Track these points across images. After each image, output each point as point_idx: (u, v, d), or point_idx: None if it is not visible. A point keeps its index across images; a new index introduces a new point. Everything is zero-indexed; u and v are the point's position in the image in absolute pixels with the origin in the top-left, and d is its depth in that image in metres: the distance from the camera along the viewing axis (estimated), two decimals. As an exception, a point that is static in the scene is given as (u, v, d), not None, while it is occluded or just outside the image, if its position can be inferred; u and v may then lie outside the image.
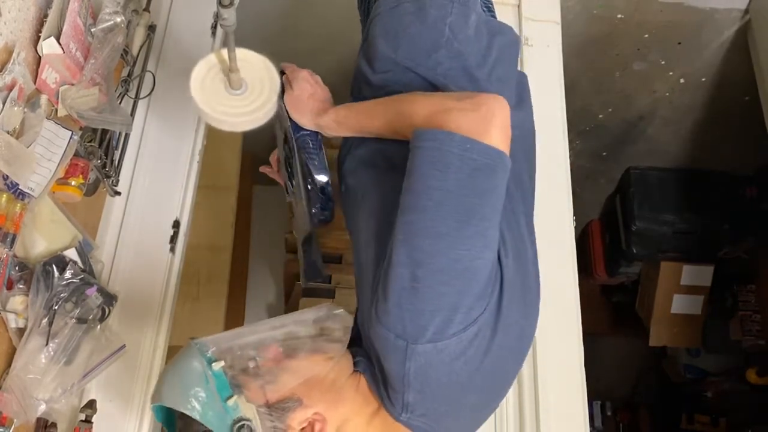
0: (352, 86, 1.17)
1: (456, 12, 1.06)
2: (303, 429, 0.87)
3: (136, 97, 1.54)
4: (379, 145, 1.03)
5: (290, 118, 1.11)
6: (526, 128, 1.12)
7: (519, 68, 1.76)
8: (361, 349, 0.96)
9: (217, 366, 0.86)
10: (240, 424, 0.84)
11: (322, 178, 1.10)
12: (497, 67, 1.08)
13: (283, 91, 1.11)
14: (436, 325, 0.81)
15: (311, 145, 1.10)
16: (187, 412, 0.84)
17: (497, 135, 0.86)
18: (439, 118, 0.87)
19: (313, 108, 1.09)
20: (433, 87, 1.03)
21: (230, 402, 0.85)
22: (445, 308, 0.81)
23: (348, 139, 1.12)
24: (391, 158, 0.98)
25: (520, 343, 0.94)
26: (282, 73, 1.14)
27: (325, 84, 1.15)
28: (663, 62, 2.56)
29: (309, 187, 1.10)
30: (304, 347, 0.92)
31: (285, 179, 1.22)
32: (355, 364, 0.96)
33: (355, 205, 1.04)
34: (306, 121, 1.10)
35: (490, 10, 1.23)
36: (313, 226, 1.15)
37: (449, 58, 1.04)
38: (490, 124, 0.85)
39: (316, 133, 1.11)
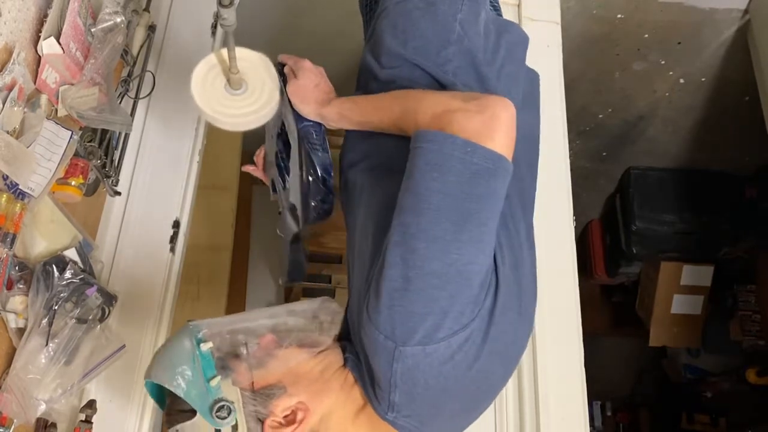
0: (357, 80, 1.15)
1: (466, 9, 1.05)
2: (286, 417, 0.88)
3: (136, 97, 1.54)
4: (379, 146, 1.02)
5: (293, 109, 1.09)
6: (531, 132, 1.10)
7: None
8: (350, 344, 0.96)
9: (205, 347, 0.87)
10: (220, 404, 0.86)
11: (324, 170, 1.08)
12: (506, 66, 1.06)
13: (284, 83, 1.10)
14: (426, 329, 0.80)
15: (314, 136, 1.09)
16: (173, 389, 0.86)
17: (501, 139, 0.84)
18: (444, 119, 0.86)
19: (317, 98, 1.08)
20: (440, 84, 1.01)
21: (213, 382, 0.87)
22: (435, 312, 0.80)
23: (350, 134, 1.11)
24: (391, 160, 0.97)
25: (510, 351, 0.93)
26: (281, 65, 1.13)
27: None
28: (663, 62, 2.56)
29: (310, 178, 1.09)
30: (293, 337, 0.92)
31: (274, 175, 1.19)
32: (344, 360, 0.96)
33: (352, 200, 1.03)
34: (309, 111, 1.08)
35: (497, 9, 1.22)
36: (310, 221, 1.13)
37: (459, 55, 1.02)
38: (494, 127, 0.84)
39: (319, 124, 1.10)
